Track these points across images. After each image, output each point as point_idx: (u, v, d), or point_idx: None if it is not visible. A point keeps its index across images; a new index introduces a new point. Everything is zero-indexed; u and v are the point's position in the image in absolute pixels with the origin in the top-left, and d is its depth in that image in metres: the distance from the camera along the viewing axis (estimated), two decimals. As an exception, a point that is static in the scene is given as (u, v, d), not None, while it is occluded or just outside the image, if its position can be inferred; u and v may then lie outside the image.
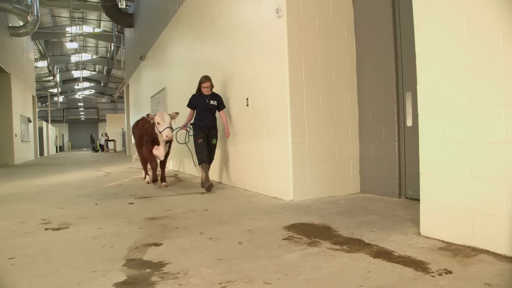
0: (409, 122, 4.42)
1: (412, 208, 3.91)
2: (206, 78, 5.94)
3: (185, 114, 6.42)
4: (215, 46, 7.03)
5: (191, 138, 6.26)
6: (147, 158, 6.85)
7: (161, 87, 11.73)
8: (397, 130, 4.64)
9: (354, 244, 2.87)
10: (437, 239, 2.88)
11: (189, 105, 6.17)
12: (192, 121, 6.25)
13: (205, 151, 5.85)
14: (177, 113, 6.35)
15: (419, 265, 2.37)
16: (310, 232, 3.28)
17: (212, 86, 6.00)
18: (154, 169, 6.73)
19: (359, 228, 3.33)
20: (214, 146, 6.17)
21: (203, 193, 5.72)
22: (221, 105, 6.09)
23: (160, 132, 6.06)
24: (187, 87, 8.78)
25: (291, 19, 4.72)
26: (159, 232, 3.44)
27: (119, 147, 32.89)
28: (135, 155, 8.48)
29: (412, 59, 3.10)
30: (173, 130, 6.13)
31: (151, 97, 13.20)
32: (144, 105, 14.98)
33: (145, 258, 2.69)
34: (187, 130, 6.36)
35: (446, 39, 2.78)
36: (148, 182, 7.19)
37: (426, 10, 2.93)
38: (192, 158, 6.46)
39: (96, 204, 5.03)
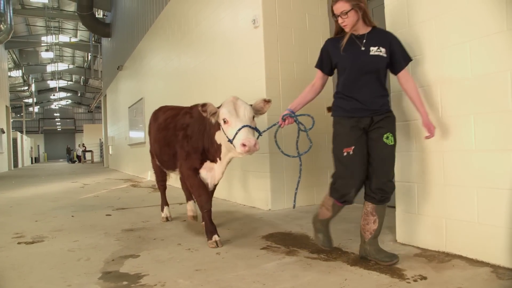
0: (384, 131, 4.49)
1: (388, 216, 3.92)
2: None
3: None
4: (193, 56, 7.04)
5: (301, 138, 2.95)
6: (189, 185, 3.57)
7: (139, 97, 11.63)
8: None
9: (332, 252, 2.90)
10: (412, 246, 2.94)
11: (319, 64, 2.83)
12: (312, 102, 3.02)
13: (357, 173, 2.60)
14: (268, 102, 3.15)
15: (395, 272, 2.41)
16: (288, 241, 3.29)
17: (360, 10, 2.58)
18: (204, 206, 3.41)
19: (336, 236, 3.33)
20: (390, 152, 2.64)
21: (181, 203, 5.67)
22: (400, 57, 2.66)
23: (230, 141, 2.93)
24: (165, 97, 8.75)
25: (267, 30, 4.77)
26: (136, 243, 3.40)
27: (96, 158, 32.39)
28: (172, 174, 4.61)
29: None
30: (260, 133, 3.04)
31: (129, 107, 13.08)
32: (122, 115, 14.82)
33: (122, 271, 2.65)
34: (298, 124, 2.90)
35: (417, 50, 2.86)
36: (166, 219, 4.41)
37: (398, 22, 3.01)
38: (294, 196, 2.95)
39: (72, 216, 4.94)
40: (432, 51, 2.76)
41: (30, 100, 35.38)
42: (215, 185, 3.62)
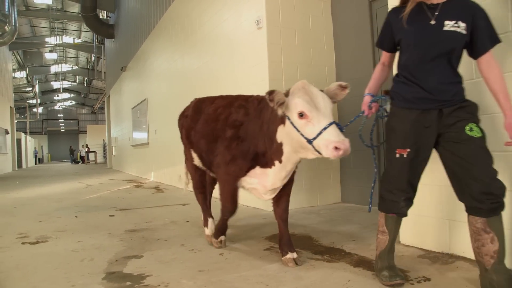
0: (388, 132, 4.48)
1: (392, 217, 3.95)
2: None
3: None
4: (196, 57, 7.05)
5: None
6: (221, 187, 2.95)
7: (142, 98, 11.66)
8: (376, 140, 4.70)
9: (335, 254, 2.89)
10: (416, 247, 2.94)
11: (380, 43, 2.40)
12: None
13: (408, 180, 2.21)
14: (345, 88, 2.41)
15: (398, 273, 2.39)
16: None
17: None
18: (228, 212, 2.98)
19: (340, 238, 3.35)
20: (480, 145, 2.04)
21: (184, 204, 5.68)
22: (485, 36, 2.04)
23: (309, 141, 2.27)
24: (168, 98, 8.77)
25: (271, 31, 4.78)
26: (140, 244, 3.41)
27: (100, 159, 32.48)
28: (189, 182, 3.92)
29: (389, 70, 3.15)
30: (342, 129, 2.38)
31: (132, 108, 13.11)
32: (125, 116, 14.86)
33: (125, 271, 2.66)
34: (380, 108, 2.46)
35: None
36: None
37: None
38: (370, 196, 2.68)
39: (76, 216, 4.95)
40: None
41: (34, 101, 35.52)
42: (286, 190, 2.85)
